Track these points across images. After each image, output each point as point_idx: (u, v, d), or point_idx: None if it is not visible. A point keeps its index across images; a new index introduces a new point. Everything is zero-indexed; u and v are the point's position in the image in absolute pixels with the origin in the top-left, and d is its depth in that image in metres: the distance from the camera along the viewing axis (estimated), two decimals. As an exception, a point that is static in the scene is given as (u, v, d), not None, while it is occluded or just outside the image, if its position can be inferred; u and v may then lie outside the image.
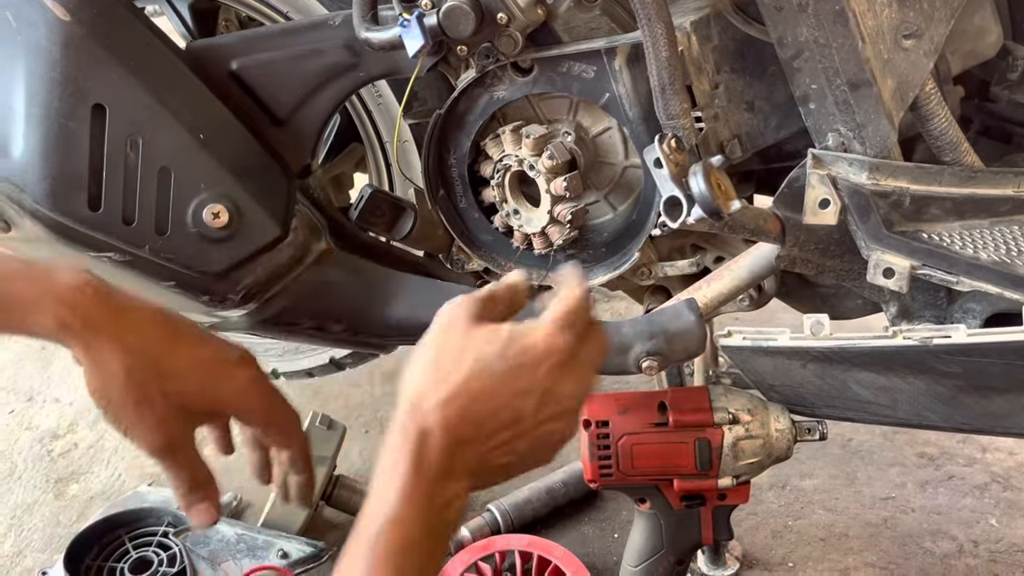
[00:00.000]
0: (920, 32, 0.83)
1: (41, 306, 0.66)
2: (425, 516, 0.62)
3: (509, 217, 1.04)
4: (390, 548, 0.60)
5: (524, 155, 0.97)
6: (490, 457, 0.65)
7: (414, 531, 0.61)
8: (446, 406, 0.63)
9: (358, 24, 0.93)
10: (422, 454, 0.62)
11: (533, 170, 0.98)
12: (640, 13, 0.81)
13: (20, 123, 0.89)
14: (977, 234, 0.86)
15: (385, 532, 0.60)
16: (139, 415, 0.69)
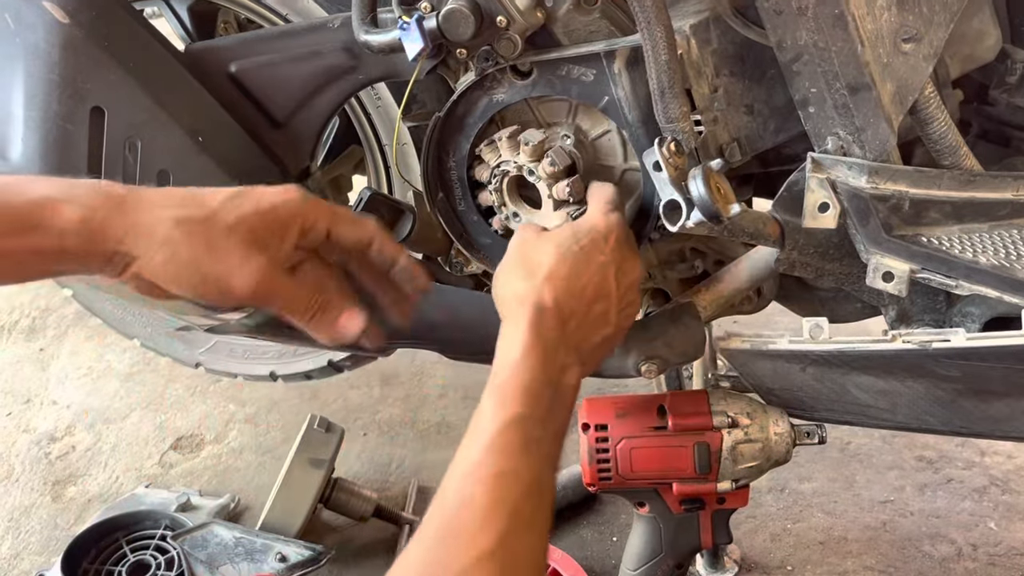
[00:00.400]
0: (919, 36, 0.83)
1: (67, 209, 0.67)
2: (545, 372, 0.71)
3: (508, 220, 1.04)
4: (514, 390, 0.68)
5: (523, 161, 0.97)
6: (592, 331, 0.78)
7: (535, 381, 0.69)
8: (549, 285, 0.75)
9: (357, 27, 0.93)
10: (540, 321, 0.73)
11: (533, 175, 0.97)
12: (639, 16, 0.81)
13: (19, 125, 0.89)
14: (976, 238, 0.86)
15: (510, 377, 0.69)
16: (215, 264, 0.70)
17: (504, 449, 0.65)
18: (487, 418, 0.67)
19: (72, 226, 0.67)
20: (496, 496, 0.61)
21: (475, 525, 0.60)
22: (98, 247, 0.68)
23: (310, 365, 1.47)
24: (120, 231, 0.68)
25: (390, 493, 1.52)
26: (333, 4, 1.07)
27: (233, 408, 1.77)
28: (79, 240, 0.67)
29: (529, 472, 0.65)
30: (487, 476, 0.63)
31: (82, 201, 0.68)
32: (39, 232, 0.66)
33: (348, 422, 1.68)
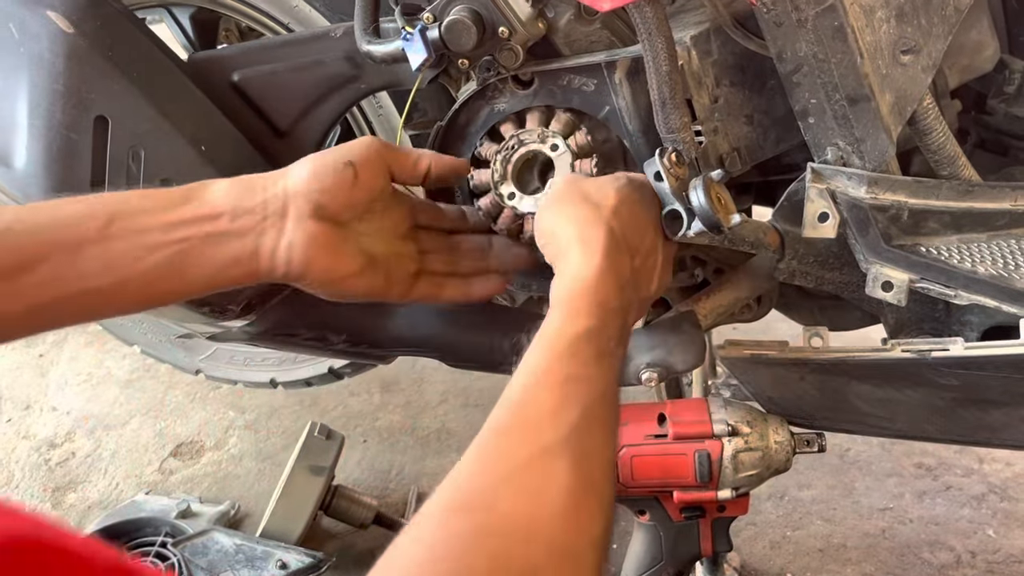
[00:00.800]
0: (918, 48, 0.84)
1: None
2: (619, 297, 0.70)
3: (502, 199, 0.99)
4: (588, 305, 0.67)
5: (554, 129, 0.95)
6: (644, 277, 0.78)
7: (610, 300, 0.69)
8: (617, 218, 0.74)
9: (360, 37, 0.93)
10: (615, 247, 0.72)
11: (556, 150, 0.95)
12: (640, 28, 0.82)
13: (23, 134, 0.89)
14: (975, 248, 0.87)
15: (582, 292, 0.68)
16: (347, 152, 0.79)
17: (575, 356, 0.62)
18: (555, 328, 0.65)
19: (219, 187, 0.73)
20: (566, 395, 0.59)
21: (543, 419, 0.57)
22: (249, 200, 0.73)
23: (310, 372, 1.47)
24: (261, 180, 0.75)
25: (390, 500, 1.52)
26: (335, 14, 1.07)
27: (233, 415, 1.78)
28: (227, 198, 0.72)
29: (602, 381, 0.62)
30: (556, 381, 0.60)
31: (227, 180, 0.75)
32: (192, 203, 0.71)
33: (348, 429, 1.68)
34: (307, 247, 0.73)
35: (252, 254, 0.72)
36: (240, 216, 0.72)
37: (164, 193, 0.71)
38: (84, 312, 0.70)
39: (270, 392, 1.71)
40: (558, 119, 0.96)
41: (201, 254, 0.70)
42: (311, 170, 0.76)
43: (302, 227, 0.73)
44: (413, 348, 0.99)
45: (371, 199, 0.80)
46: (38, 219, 0.65)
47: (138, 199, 0.69)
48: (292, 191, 0.74)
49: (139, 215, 0.68)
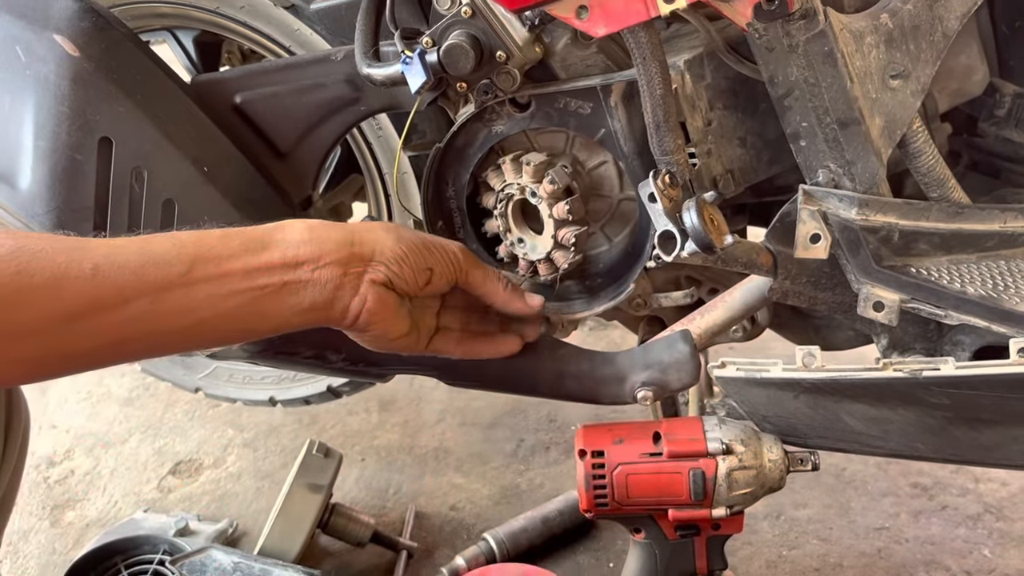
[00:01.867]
0: (907, 72, 0.86)
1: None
2: None
3: (513, 246, 1.05)
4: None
5: (525, 182, 0.99)
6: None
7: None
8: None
9: (360, 60, 0.95)
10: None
11: (535, 196, 0.99)
12: (635, 52, 0.83)
13: (28, 155, 0.91)
14: (964, 268, 0.88)
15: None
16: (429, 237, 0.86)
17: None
18: None
19: (302, 235, 0.75)
20: None
21: None
22: (331, 253, 0.75)
23: (309, 390, 1.48)
24: (346, 232, 0.78)
25: (388, 518, 1.53)
26: (336, 37, 1.09)
27: (232, 433, 1.78)
28: (311, 248, 0.75)
29: None
30: None
31: (305, 221, 0.77)
32: (272, 248, 0.74)
33: (346, 447, 1.68)
34: (375, 309, 0.78)
35: (327, 304, 0.76)
36: (321, 268, 0.75)
37: (244, 237, 0.74)
38: (160, 348, 0.74)
39: (269, 410, 1.72)
40: (526, 168, 0.98)
41: (279, 300, 0.74)
42: (399, 254, 0.80)
43: (375, 291, 0.78)
44: (411, 367, 1.00)
45: (431, 294, 0.87)
46: (126, 258, 0.68)
47: (219, 243, 0.72)
48: (377, 258, 0.79)
49: (222, 260, 0.71)
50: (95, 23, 0.91)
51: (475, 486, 1.58)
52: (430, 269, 0.82)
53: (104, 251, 0.67)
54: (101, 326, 0.66)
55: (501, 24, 0.90)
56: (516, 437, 1.69)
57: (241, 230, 0.74)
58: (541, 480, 1.57)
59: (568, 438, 1.66)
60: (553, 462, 1.62)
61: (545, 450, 1.65)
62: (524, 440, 1.68)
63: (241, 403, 1.56)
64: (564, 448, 1.64)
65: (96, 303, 0.65)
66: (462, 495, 1.56)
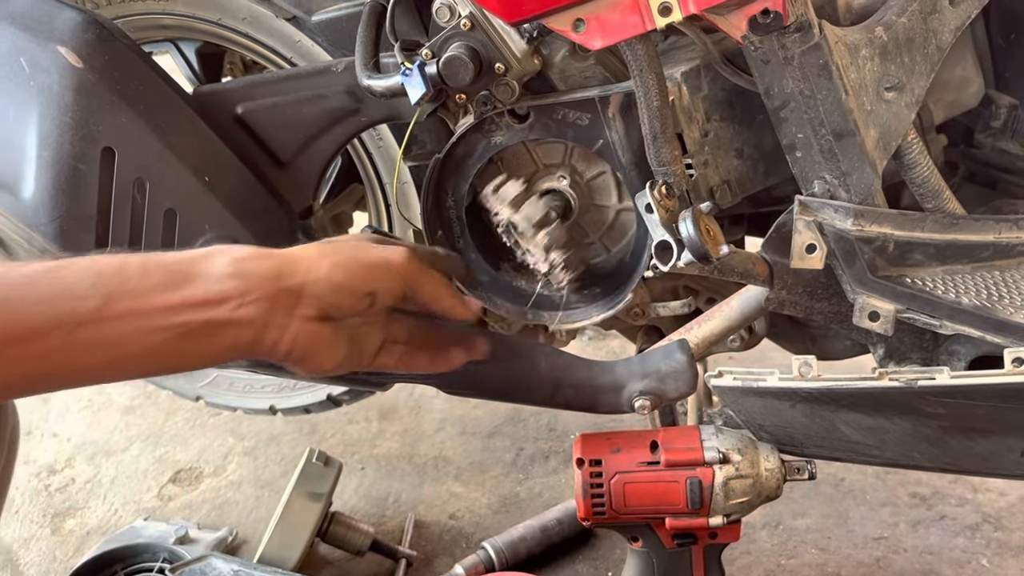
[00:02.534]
0: (901, 85, 0.87)
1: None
2: None
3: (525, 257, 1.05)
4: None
5: (503, 216, 0.99)
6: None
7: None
8: None
9: (360, 72, 0.96)
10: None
11: (516, 228, 1.00)
12: (632, 64, 0.84)
13: (31, 165, 0.91)
14: (959, 279, 0.89)
15: None
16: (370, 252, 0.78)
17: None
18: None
19: (225, 268, 0.69)
20: None
21: None
22: (256, 288, 0.69)
23: (309, 399, 1.49)
24: (275, 262, 0.71)
25: (387, 527, 1.53)
26: (337, 48, 1.10)
27: (232, 441, 1.79)
28: (235, 283, 0.68)
29: None
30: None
31: (230, 251, 0.71)
32: (194, 282, 0.68)
33: (346, 456, 1.69)
34: (306, 347, 0.73)
35: (251, 343, 0.71)
36: (245, 305, 0.69)
37: (166, 268, 0.68)
38: (79, 380, 0.69)
39: (269, 419, 1.73)
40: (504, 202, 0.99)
41: (199, 339, 0.68)
42: (334, 284, 0.74)
43: (306, 328, 0.72)
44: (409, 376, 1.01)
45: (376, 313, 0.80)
46: (40, 290, 0.64)
47: (137, 275, 0.67)
48: (308, 292, 0.72)
49: (140, 295, 0.66)
50: (99, 35, 0.92)
51: (474, 495, 1.58)
52: (372, 293, 0.76)
53: (16, 281, 0.63)
54: (17, 358, 0.62)
55: (500, 36, 0.91)
56: (515, 446, 1.70)
57: (163, 259, 0.69)
58: (540, 489, 1.58)
59: (567, 447, 1.66)
60: (552, 471, 1.62)
61: (544, 459, 1.65)
62: (523, 449, 1.69)
63: (241, 412, 1.57)
64: (563, 457, 1.64)
65: (8, 337, 0.62)
66: (461, 504, 1.57)
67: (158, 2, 1.15)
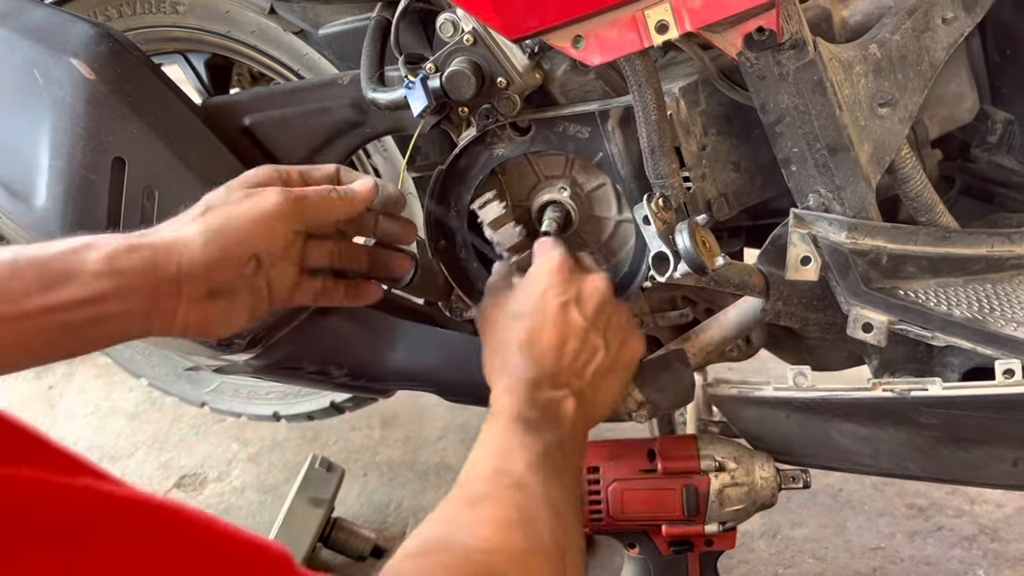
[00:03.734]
0: (895, 101, 0.88)
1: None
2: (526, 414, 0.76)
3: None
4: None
5: (488, 235, 1.00)
6: (579, 365, 0.82)
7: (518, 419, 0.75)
8: (519, 355, 0.81)
9: (365, 85, 0.98)
10: (514, 390, 0.78)
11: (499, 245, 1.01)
12: (631, 79, 0.86)
13: (43, 175, 0.93)
14: (952, 291, 0.90)
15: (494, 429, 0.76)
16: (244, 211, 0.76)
17: (509, 436, 0.72)
18: (485, 433, 0.74)
19: (97, 266, 0.67)
20: (505, 462, 0.69)
21: (488, 474, 0.67)
22: (134, 284, 0.68)
23: (312, 405, 1.50)
24: (148, 254, 0.70)
25: (388, 533, 1.54)
26: (343, 61, 1.12)
27: (236, 447, 1.80)
28: (110, 282, 0.67)
29: (538, 443, 0.71)
30: (495, 453, 0.71)
31: (101, 242, 0.69)
32: (67, 282, 0.66)
33: (349, 463, 1.70)
34: (200, 325, 0.73)
35: (143, 330, 0.71)
36: (127, 297, 0.68)
37: (38, 268, 0.66)
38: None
39: (273, 425, 1.74)
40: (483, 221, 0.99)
41: (89, 331, 0.68)
42: (212, 261, 0.72)
43: (196, 309, 0.72)
44: (412, 382, 1.03)
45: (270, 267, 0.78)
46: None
47: (9, 278, 0.65)
48: (187, 273, 0.71)
49: (16, 299, 0.64)
50: (111, 47, 0.95)
51: (475, 502, 1.60)
52: (254, 256, 0.74)
53: None
54: None
55: (502, 52, 0.93)
56: (517, 454, 1.71)
57: (32, 257, 0.66)
58: (541, 497, 1.59)
59: (568, 456, 1.68)
60: (553, 479, 1.63)
61: (545, 467, 1.67)
62: (524, 457, 1.70)
63: (246, 418, 1.59)
64: (564, 465, 1.66)
65: None
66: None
67: (169, 15, 1.18)
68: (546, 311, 0.82)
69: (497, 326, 0.85)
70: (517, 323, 0.83)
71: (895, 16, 0.90)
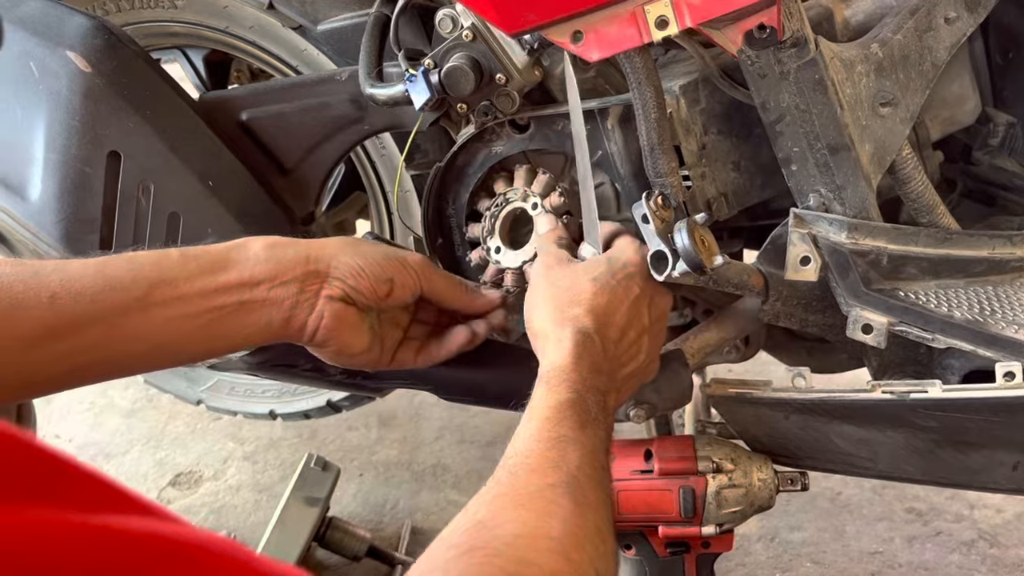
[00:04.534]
0: (896, 101, 0.88)
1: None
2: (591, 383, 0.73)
3: (488, 252, 1.05)
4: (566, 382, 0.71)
5: (536, 189, 1.00)
6: (626, 360, 0.81)
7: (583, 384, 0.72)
8: (591, 316, 0.78)
9: (364, 80, 0.97)
10: (584, 343, 0.75)
11: (536, 208, 1.00)
12: (631, 77, 0.85)
13: (39, 168, 0.93)
14: (952, 293, 0.89)
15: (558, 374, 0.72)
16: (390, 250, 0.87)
17: (561, 421, 0.68)
18: (541, 399, 0.71)
19: (259, 253, 0.76)
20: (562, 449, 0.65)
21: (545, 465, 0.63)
22: (288, 271, 0.77)
23: (309, 404, 1.50)
24: (303, 248, 0.79)
25: (384, 533, 1.54)
26: (341, 57, 1.11)
27: (232, 446, 1.80)
28: (267, 267, 0.76)
29: (589, 443, 0.67)
30: (550, 438, 0.66)
31: (263, 238, 0.79)
32: (230, 268, 0.75)
33: (345, 462, 1.70)
34: (333, 325, 0.80)
35: (284, 322, 0.78)
36: (278, 286, 0.76)
37: (202, 258, 0.75)
38: (122, 370, 0.77)
39: (269, 424, 1.74)
40: (539, 180, 1.00)
41: (236, 319, 0.75)
42: (356, 268, 0.81)
43: (331, 307, 0.79)
44: (407, 381, 1.02)
45: (395, 306, 0.87)
46: (83, 286, 0.68)
47: (178, 266, 0.73)
48: (333, 274, 0.80)
49: (179, 283, 0.72)
50: (107, 41, 0.94)
51: (472, 503, 1.59)
52: (390, 280, 0.83)
53: (61, 278, 0.68)
54: (59, 353, 0.67)
55: (501, 48, 0.92)
56: (514, 455, 1.70)
57: (200, 250, 0.75)
58: (537, 498, 1.58)
59: (565, 457, 1.67)
60: (550, 481, 1.62)
61: (542, 468, 1.66)
62: (522, 458, 1.69)
63: (242, 416, 1.58)
64: (561, 467, 1.65)
65: (53, 331, 0.66)
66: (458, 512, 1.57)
67: (167, 10, 1.17)
68: (626, 292, 0.82)
69: (565, 275, 0.83)
70: (594, 285, 0.81)
71: (897, 15, 0.90)
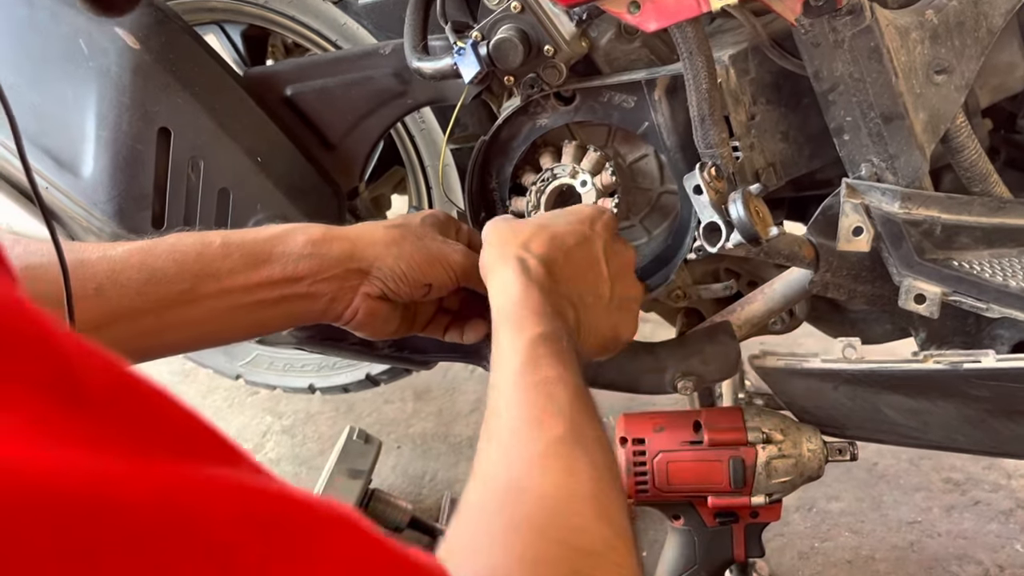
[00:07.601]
0: (951, 68, 0.87)
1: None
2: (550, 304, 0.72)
3: None
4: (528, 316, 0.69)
5: (585, 166, 1.00)
6: (583, 287, 0.79)
7: (545, 307, 0.70)
8: (533, 242, 0.77)
9: (410, 54, 0.97)
10: (526, 269, 0.74)
11: (585, 186, 1.00)
12: (682, 47, 0.85)
13: (90, 145, 0.94)
14: (1006, 262, 0.89)
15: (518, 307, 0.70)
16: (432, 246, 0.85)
17: (538, 360, 0.65)
18: (508, 343, 0.67)
19: (303, 249, 0.78)
20: (549, 394, 0.62)
21: (543, 417, 0.60)
22: (330, 268, 0.78)
23: (348, 378, 1.51)
24: (347, 246, 0.80)
25: (424, 505, 1.56)
26: (382, 31, 1.11)
27: (270, 419, 1.82)
28: (310, 263, 0.77)
29: (570, 376, 0.64)
30: (532, 383, 0.63)
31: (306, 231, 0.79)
32: (273, 262, 0.76)
33: (383, 435, 1.70)
34: (364, 320, 0.82)
35: (322, 312, 0.81)
36: (319, 282, 0.78)
37: (245, 250, 0.76)
38: (166, 354, 0.80)
39: (306, 398, 1.75)
40: (589, 157, 1.00)
41: (277, 310, 0.78)
42: (398, 272, 0.82)
43: (367, 304, 0.81)
44: (456, 353, 1.02)
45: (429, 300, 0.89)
46: (128, 276, 0.70)
47: (220, 257, 0.75)
48: (373, 273, 0.81)
49: (222, 276, 0.74)
50: (155, 17, 0.94)
51: (509, 475, 1.60)
52: (428, 284, 0.84)
53: (106, 269, 0.70)
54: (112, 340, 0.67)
55: (549, 19, 0.91)
56: (549, 427, 1.71)
57: (241, 239, 0.77)
58: (574, 470, 1.59)
59: (601, 429, 1.68)
60: (586, 452, 1.64)
61: (578, 440, 1.67)
62: (557, 430, 1.70)
63: (281, 390, 1.59)
64: (597, 439, 1.66)
65: (99, 323, 0.68)
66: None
67: (207, -15, 1.17)
68: (573, 232, 0.81)
69: (513, 222, 0.84)
70: (536, 224, 0.81)
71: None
